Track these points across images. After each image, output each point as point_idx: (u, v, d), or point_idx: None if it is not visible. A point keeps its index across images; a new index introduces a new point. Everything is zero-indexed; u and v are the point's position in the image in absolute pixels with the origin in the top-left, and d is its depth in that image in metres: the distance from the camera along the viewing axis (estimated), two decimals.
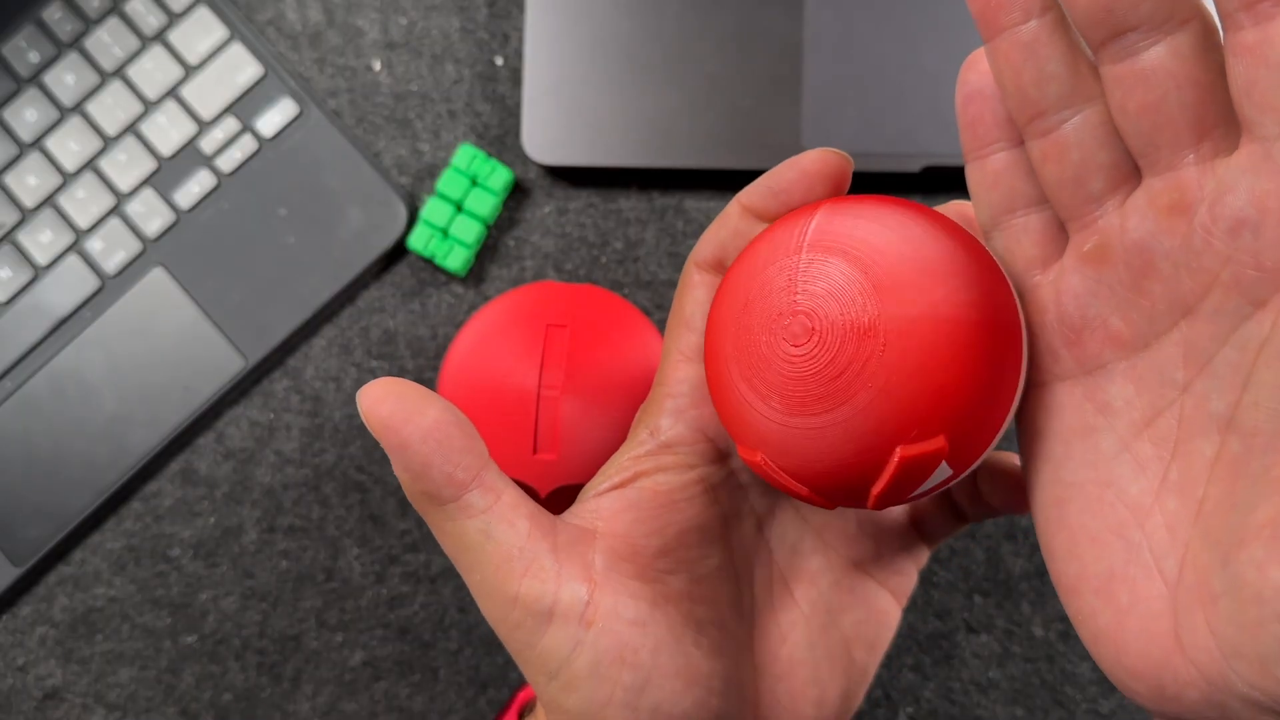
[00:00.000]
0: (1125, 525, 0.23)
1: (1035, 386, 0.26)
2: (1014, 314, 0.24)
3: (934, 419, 0.23)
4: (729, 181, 0.47)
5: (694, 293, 0.28)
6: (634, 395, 0.39)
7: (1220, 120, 0.22)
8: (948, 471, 0.24)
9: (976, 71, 0.25)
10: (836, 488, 0.24)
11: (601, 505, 0.27)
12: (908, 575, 0.31)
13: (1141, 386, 0.24)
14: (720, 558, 0.29)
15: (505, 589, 0.25)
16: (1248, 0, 0.20)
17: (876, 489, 0.24)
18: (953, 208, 0.29)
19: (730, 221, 0.27)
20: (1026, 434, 0.26)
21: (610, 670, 0.25)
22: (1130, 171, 0.23)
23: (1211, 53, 0.22)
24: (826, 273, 0.23)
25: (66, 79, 0.47)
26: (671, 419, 0.28)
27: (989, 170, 0.25)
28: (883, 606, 0.31)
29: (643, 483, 0.27)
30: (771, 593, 0.30)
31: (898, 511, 0.32)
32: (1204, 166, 0.22)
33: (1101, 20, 0.22)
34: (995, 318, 0.24)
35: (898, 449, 0.23)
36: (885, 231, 0.24)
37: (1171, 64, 0.21)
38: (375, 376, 0.46)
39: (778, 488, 0.26)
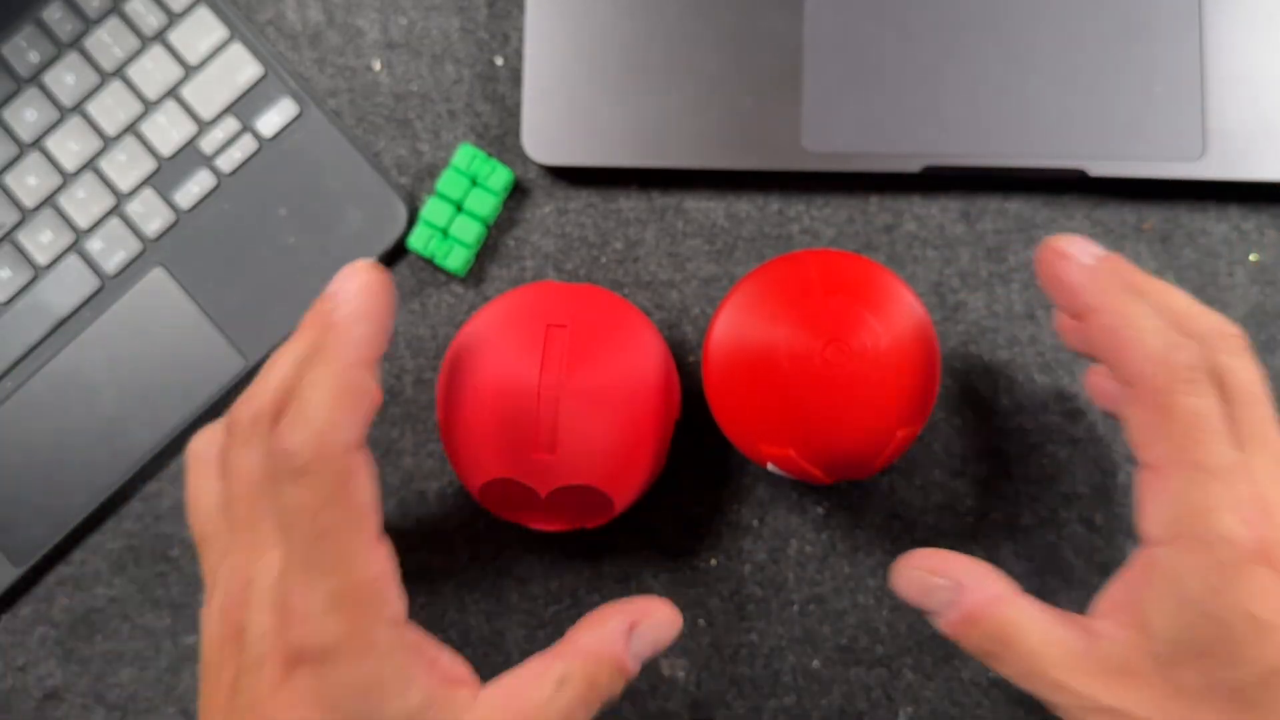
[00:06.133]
0: None
1: None
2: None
3: (917, 411, 0.38)
4: (729, 181, 0.47)
5: None
6: (634, 395, 0.39)
7: None
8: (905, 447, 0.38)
9: None
10: (846, 466, 0.38)
11: None
12: None
13: None
14: None
15: None
16: None
17: (879, 462, 0.38)
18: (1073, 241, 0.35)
19: None
20: None
21: None
22: None
23: None
24: (841, 311, 0.37)
25: (66, 79, 0.47)
26: None
27: None
28: None
29: None
30: None
31: None
32: None
33: None
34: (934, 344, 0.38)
35: (898, 431, 0.37)
36: (869, 280, 0.38)
37: None
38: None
39: (796, 477, 0.38)
